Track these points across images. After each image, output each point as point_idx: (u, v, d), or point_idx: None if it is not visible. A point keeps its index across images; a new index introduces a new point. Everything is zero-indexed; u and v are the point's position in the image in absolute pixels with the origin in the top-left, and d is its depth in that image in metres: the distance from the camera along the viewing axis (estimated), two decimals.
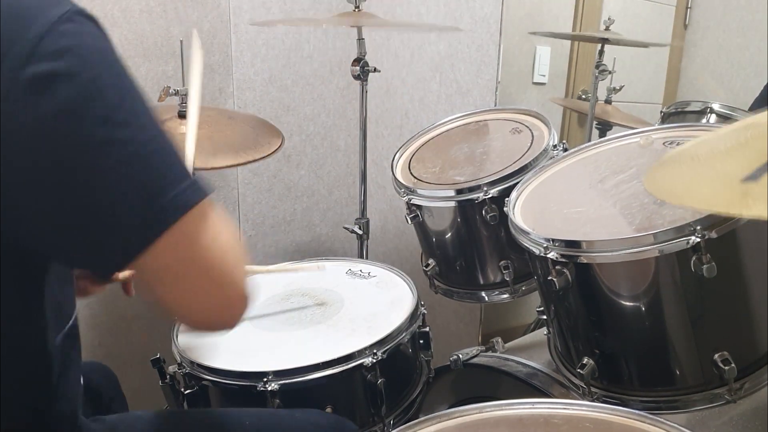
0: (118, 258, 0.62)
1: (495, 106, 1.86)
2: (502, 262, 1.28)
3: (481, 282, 1.34)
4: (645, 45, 1.98)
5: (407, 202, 1.31)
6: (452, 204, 1.26)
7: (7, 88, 0.54)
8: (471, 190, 1.22)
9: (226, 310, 0.70)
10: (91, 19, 0.60)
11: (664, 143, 1.10)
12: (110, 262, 0.63)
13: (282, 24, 1.83)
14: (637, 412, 0.68)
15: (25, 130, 0.55)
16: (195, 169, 1.39)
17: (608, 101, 2.09)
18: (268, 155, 1.47)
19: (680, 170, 0.63)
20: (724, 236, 0.83)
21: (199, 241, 0.64)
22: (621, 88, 2.04)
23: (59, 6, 0.58)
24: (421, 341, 1.15)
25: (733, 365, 0.89)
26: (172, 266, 0.64)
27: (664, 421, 0.65)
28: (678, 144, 1.09)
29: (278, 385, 0.97)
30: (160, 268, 0.63)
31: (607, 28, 1.87)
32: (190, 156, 1.01)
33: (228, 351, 1.07)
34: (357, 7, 1.50)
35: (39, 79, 0.54)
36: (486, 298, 1.35)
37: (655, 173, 0.67)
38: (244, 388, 0.99)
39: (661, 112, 1.86)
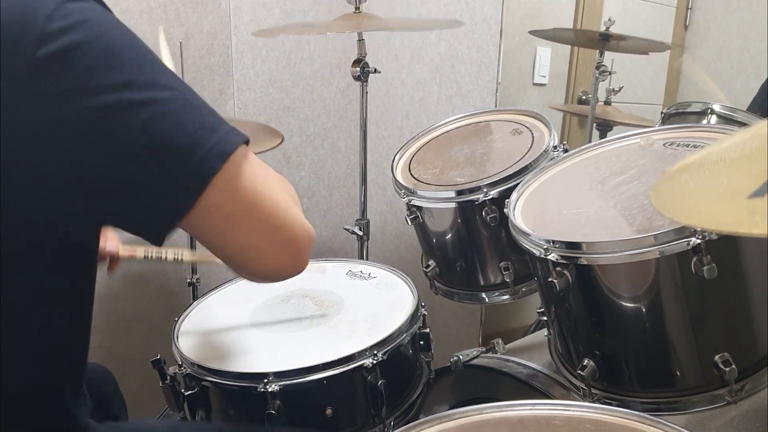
0: (168, 217, 0.62)
1: (495, 107, 1.86)
2: (502, 264, 1.27)
3: (482, 283, 1.34)
4: (645, 52, 1.98)
5: (407, 203, 1.31)
6: (452, 205, 1.26)
7: (27, 71, 0.54)
8: (471, 191, 1.22)
9: (289, 250, 0.68)
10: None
11: (664, 144, 1.11)
12: (161, 222, 0.62)
13: (283, 33, 1.83)
14: (637, 413, 0.68)
15: (53, 108, 0.55)
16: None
17: (608, 102, 2.09)
18: (268, 150, 1.47)
19: (686, 186, 0.63)
20: (724, 237, 0.83)
21: (245, 185, 0.63)
22: (620, 89, 2.03)
23: None
24: (422, 342, 1.14)
25: (733, 366, 0.89)
26: (223, 215, 0.63)
27: (665, 422, 0.65)
28: (678, 145, 1.09)
29: (279, 386, 0.97)
30: (212, 219, 0.63)
31: (607, 29, 1.87)
32: None
33: (228, 352, 1.07)
34: (357, 8, 1.50)
35: (54, 56, 0.55)
36: (486, 300, 1.35)
37: (661, 189, 0.67)
38: (245, 389, 0.99)
39: (662, 113, 1.85)
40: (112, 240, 1.09)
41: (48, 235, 0.62)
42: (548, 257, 0.94)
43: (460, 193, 1.24)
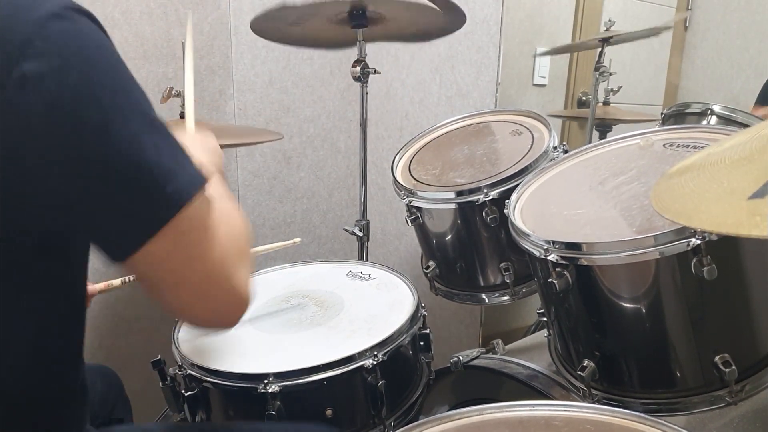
0: (122, 247, 0.61)
1: (495, 107, 1.86)
2: (502, 264, 1.28)
3: (482, 284, 1.34)
4: (648, 35, 1.97)
5: (407, 204, 1.31)
6: (452, 206, 1.26)
7: (4, 84, 0.54)
8: (471, 192, 1.22)
9: (223, 309, 0.69)
10: (84, 14, 0.59)
11: (664, 145, 1.11)
12: (116, 249, 0.62)
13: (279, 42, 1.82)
14: (637, 413, 0.68)
15: (23, 125, 0.55)
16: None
17: (606, 102, 2.09)
18: (266, 141, 1.46)
19: (686, 187, 0.63)
20: (724, 238, 0.83)
21: (197, 236, 0.63)
22: (619, 89, 2.03)
23: (49, 2, 0.57)
24: (422, 343, 1.15)
25: (733, 367, 0.89)
26: (169, 262, 0.63)
27: (665, 422, 0.65)
28: (678, 145, 1.09)
29: (279, 387, 0.97)
30: (157, 263, 0.62)
31: (607, 30, 1.87)
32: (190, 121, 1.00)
33: (228, 353, 1.07)
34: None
35: (28, 78, 0.54)
36: (486, 300, 1.35)
37: (661, 190, 0.67)
38: (245, 390, 0.99)
39: (662, 113, 1.85)
40: None
41: (25, 237, 0.61)
42: (548, 258, 0.94)
43: (460, 193, 1.24)
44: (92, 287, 1.10)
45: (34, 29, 0.55)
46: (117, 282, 1.14)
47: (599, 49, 1.89)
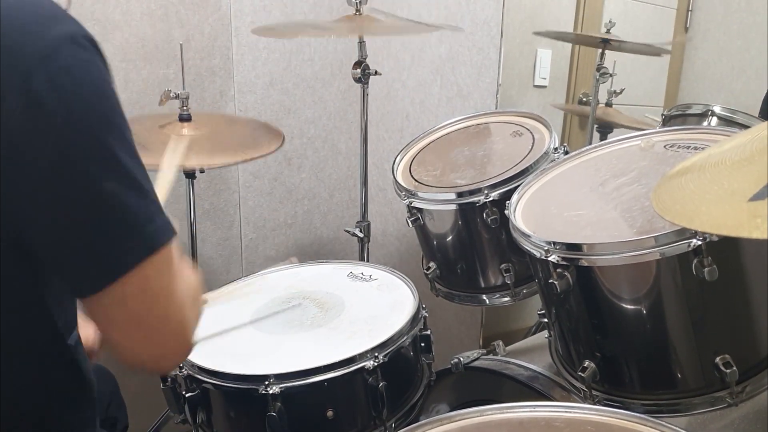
0: (83, 288, 0.62)
1: (496, 109, 1.86)
2: (503, 265, 1.27)
3: (482, 285, 1.34)
4: (646, 52, 1.98)
5: (408, 205, 1.31)
6: (453, 207, 1.26)
7: (11, 98, 0.54)
8: (472, 193, 1.22)
9: (168, 357, 0.71)
10: (93, 44, 0.60)
11: (665, 146, 1.11)
12: (77, 288, 0.64)
13: (284, 36, 1.83)
14: (638, 415, 0.68)
15: (19, 147, 0.56)
16: (192, 170, 1.41)
17: (609, 104, 2.09)
18: (268, 153, 1.47)
19: (687, 188, 0.63)
20: (725, 239, 0.83)
21: (158, 285, 0.64)
22: (622, 91, 2.03)
23: (65, 24, 0.58)
24: (423, 344, 1.14)
25: (734, 368, 0.89)
26: (128, 306, 0.64)
27: (665, 423, 0.65)
28: (679, 147, 1.09)
29: (279, 388, 0.97)
30: (115, 306, 0.63)
31: (608, 31, 1.87)
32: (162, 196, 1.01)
33: (229, 354, 1.07)
34: (358, 10, 1.51)
35: (32, 102, 0.55)
36: (487, 301, 1.35)
37: (662, 191, 0.67)
38: (246, 391, 0.99)
39: (662, 114, 1.85)
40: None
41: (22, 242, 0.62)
42: (549, 259, 0.94)
43: (460, 194, 1.24)
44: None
45: (51, 51, 0.56)
46: None
47: (600, 51, 1.89)
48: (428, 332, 1.14)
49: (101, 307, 0.64)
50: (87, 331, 0.99)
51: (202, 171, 1.53)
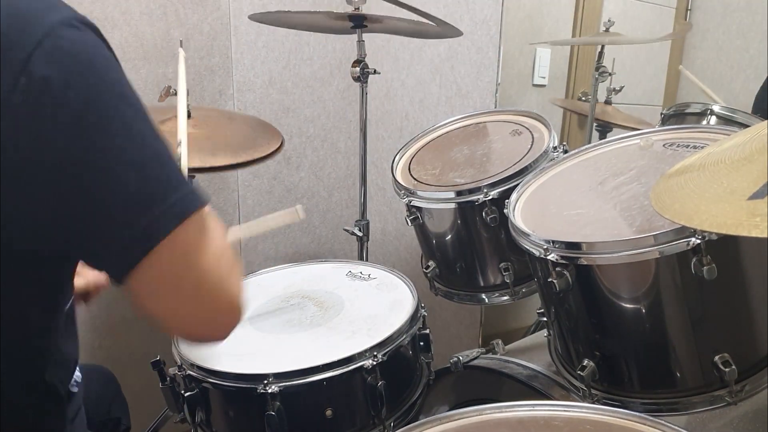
0: (120, 264, 0.62)
1: (495, 108, 1.86)
2: (502, 264, 1.27)
3: (482, 284, 1.34)
4: (646, 41, 1.97)
5: (407, 204, 1.31)
6: (452, 206, 1.26)
7: (7, 91, 0.54)
8: (471, 191, 1.22)
9: (217, 322, 0.70)
10: (90, 27, 0.60)
11: (664, 145, 1.11)
12: (114, 267, 0.63)
13: (283, 26, 1.82)
14: (637, 414, 0.68)
15: (25, 132, 0.55)
16: (193, 170, 1.40)
17: (608, 102, 2.09)
18: (267, 156, 1.47)
19: (686, 187, 0.63)
20: (724, 238, 0.83)
21: (194, 251, 0.64)
22: (621, 89, 2.04)
23: (59, 11, 0.58)
24: (422, 343, 1.14)
25: (733, 367, 0.89)
26: (167, 275, 0.63)
27: (665, 422, 0.65)
28: (678, 145, 1.09)
29: (278, 387, 0.97)
30: (155, 277, 0.63)
31: (606, 30, 1.87)
32: (184, 163, 1.01)
33: (228, 353, 1.06)
34: (356, 9, 1.50)
35: (35, 83, 0.54)
36: (486, 300, 1.35)
37: (661, 190, 0.67)
38: (245, 390, 0.99)
39: (661, 113, 1.85)
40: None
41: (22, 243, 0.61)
42: (548, 257, 0.94)
43: (459, 193, 1.24)
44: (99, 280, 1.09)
45: (46, 34, 0.55)
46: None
47: (599, 50, 1.89)
48: (427, 331, 1.14)
49: (142, 285, 0.63)
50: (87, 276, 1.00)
51: (192, 177, 1.49)
